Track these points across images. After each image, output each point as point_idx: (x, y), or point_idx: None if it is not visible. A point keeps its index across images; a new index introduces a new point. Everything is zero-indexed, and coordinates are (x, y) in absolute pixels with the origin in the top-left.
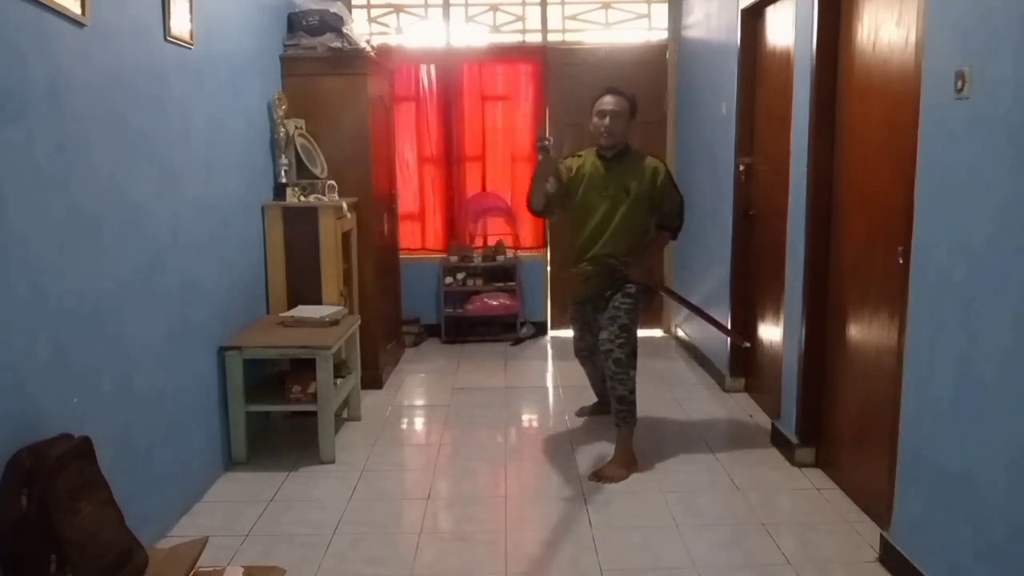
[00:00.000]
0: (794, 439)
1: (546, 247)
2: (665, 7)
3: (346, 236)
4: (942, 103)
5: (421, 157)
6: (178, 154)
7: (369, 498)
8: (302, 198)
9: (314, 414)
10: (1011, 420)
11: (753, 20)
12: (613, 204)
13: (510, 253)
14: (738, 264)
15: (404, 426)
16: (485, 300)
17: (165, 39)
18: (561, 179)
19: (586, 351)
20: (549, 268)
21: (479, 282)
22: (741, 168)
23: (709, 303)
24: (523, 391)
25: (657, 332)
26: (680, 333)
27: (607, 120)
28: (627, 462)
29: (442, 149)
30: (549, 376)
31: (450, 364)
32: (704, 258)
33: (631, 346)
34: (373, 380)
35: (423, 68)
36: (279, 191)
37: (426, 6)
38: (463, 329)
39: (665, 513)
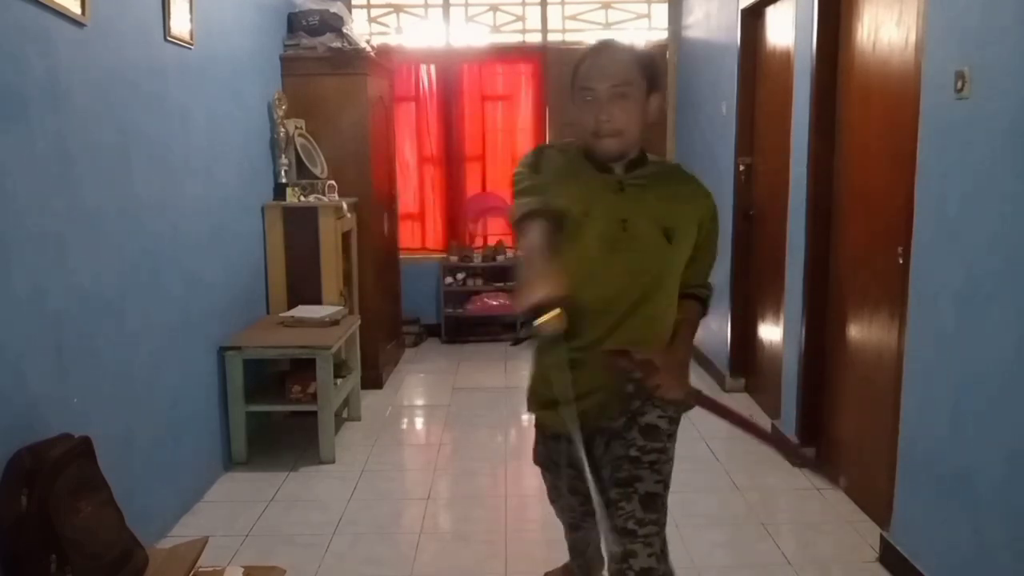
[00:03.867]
0: (794, 439)
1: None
2: (665, 7)
3: (346, 236)
4: (942, 103)
5: (421, 157)
6: (178, 154)
7: (369, 498)
8: (302, 198)
9: (314, 414)
10: (1011, 420)
11: (753, 20)
12: (639, 256)
13: (510, 253)
14: (738, 264)
15: (404, 426)
16: (485, 300)
17: (165, 39)
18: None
19: (587, 520)
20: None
21: (479, 282)
22: (741, 168)
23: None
24: (523, 391)
25: None
26: None
27: (605, 107)
28: None
29: (442, 149)
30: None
31: (450, 364)
32: None
33: (663, 539)
34: (373, 380)
35: (423, 68)
36: (279, 191)
37: (426, 6)
38: (463, 329)
39: None
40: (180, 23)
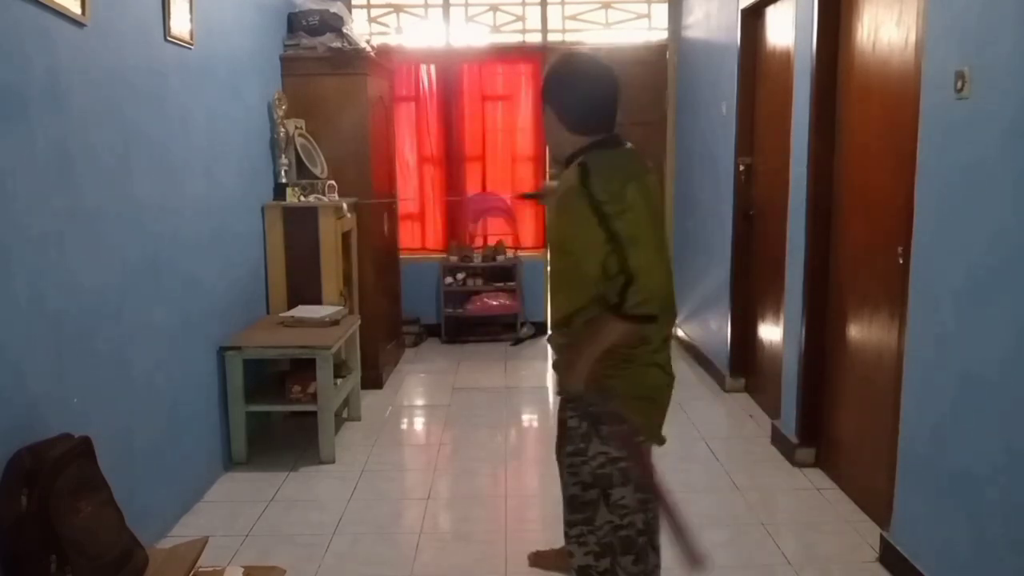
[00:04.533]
0: (794, 439)
1: (546, 247)
2: (665, 7)
3: (346, 236)
4: (942, 103)
5: (421, 157)
6: (178, 154)
7: (369, 498)
8: (302, 198)
9: (314, 414)
10: (1011, 420)
11: (753, 20)
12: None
13: (510, 253)
14: (738, 264)
15: (404, 426)
16: (485, 300)
17: (165, 39)
18: None
19: None
20: (549, 268)
21: (479, 282)
22: (741, 168)
23: (709, 303)
24: (523, 391)
25: None
26: (680, 333)
27: None
28: None
29: (442, 149)
30: (549, 376)
31: (450, 364)
32: (704, 258)
33: (598, 540)
34: (373, 380)
35: (423, 68)
36: (279, 191)
37: (426, 6)
38: (463, 329)
39: None
40: (180, 23)
